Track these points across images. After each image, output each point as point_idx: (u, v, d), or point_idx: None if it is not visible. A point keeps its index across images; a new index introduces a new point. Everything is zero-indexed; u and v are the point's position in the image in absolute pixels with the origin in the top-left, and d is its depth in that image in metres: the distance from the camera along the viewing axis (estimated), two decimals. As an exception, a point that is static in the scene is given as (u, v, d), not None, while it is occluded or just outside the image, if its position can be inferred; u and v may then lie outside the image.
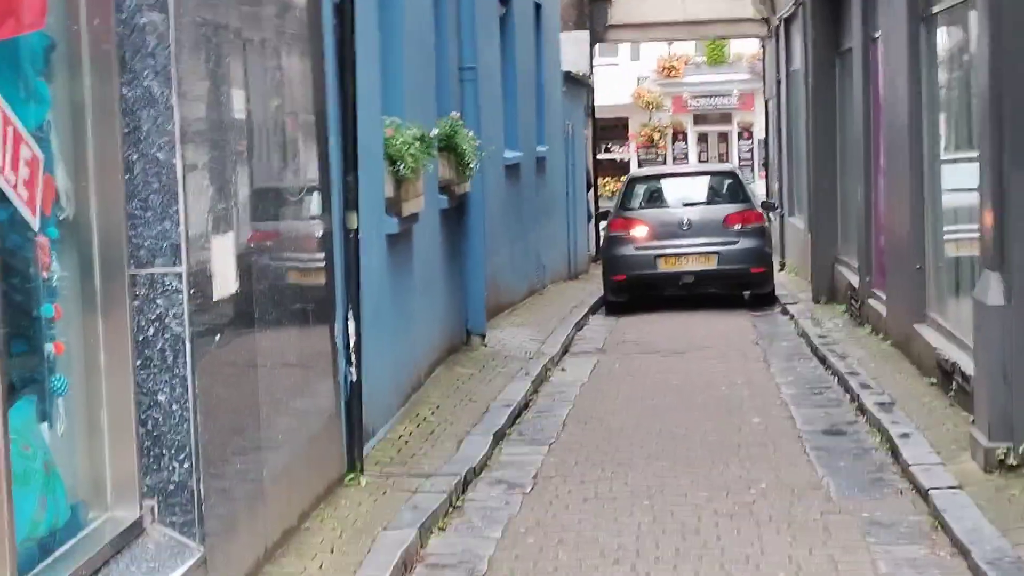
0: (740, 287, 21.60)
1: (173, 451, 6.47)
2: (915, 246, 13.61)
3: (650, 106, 47.72)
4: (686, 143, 49.30)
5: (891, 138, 14.74)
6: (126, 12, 6.34)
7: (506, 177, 19.87)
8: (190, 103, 6.61)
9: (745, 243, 21.13)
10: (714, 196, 22.35)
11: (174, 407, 6.45)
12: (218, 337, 6.89)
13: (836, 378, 13.96)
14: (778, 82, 29.51)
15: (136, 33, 6.37)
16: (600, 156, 37.38)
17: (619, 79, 46.44)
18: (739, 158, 48.60)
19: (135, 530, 6.25)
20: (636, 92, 49.29)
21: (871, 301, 16.54)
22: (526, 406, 13.19)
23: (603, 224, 25.92)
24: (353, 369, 9.76)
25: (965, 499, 8.69)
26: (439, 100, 14.82)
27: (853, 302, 17.84)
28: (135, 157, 6.38)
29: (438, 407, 12.30)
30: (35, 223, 5.54)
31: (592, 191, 31.43)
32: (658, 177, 24.19)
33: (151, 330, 6.43)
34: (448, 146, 14.20)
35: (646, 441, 11.53)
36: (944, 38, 13.09)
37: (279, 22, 8.57)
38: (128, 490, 6.29)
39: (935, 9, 13.18)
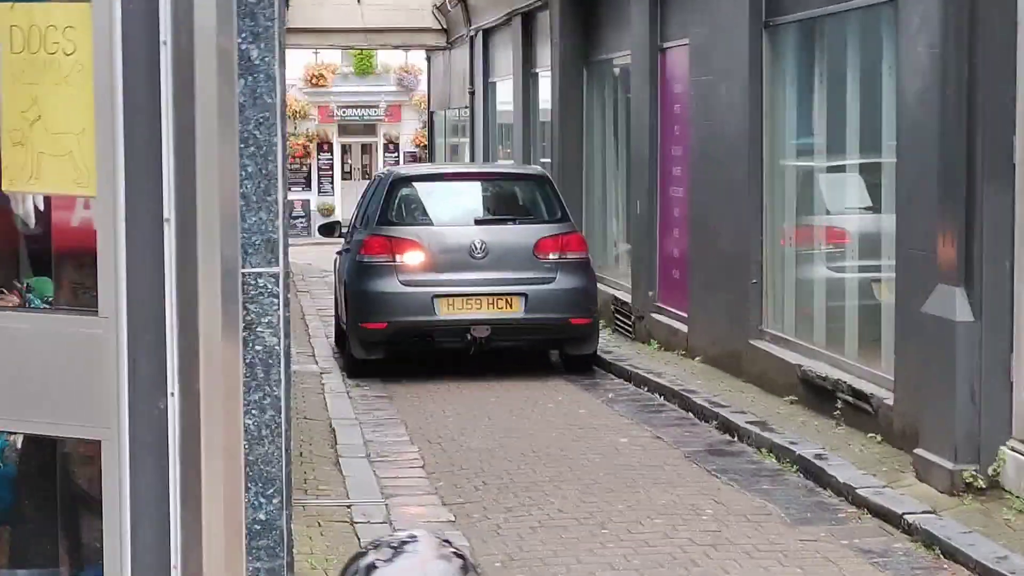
0: (554, 344, 15.26)
1: (261, 485, 5.44)
2: (750, 260, 13.26)
3: (296, 115, 46.76)
4: (331, 154, 48.49)
5: (709, 148, 14.35)
6: (220, -40, 5.29)
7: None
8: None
9: (564, 281, 14.67)
10: (519, 211, 15.73)
11: (263, 432, 5.43)
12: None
13: (661, 395, 13.42)
14: (471, 93, 29.11)
15: (231, -14, 5.33)
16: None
17: (266, 86, 45.03)
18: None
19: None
20: (284, 100, 47.97)
21: (657, 316, 16.19)
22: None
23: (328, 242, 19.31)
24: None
25: (957, 524, 8.30)
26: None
27: (621, 318, 17.46)
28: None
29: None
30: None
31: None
32: (437, 178, 16.66)
33: (239, 341, 5.38)
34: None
35: (531, 463, 10.75)
36: (808, 43, 12.83)
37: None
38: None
39: (779, 20, 12.93)
